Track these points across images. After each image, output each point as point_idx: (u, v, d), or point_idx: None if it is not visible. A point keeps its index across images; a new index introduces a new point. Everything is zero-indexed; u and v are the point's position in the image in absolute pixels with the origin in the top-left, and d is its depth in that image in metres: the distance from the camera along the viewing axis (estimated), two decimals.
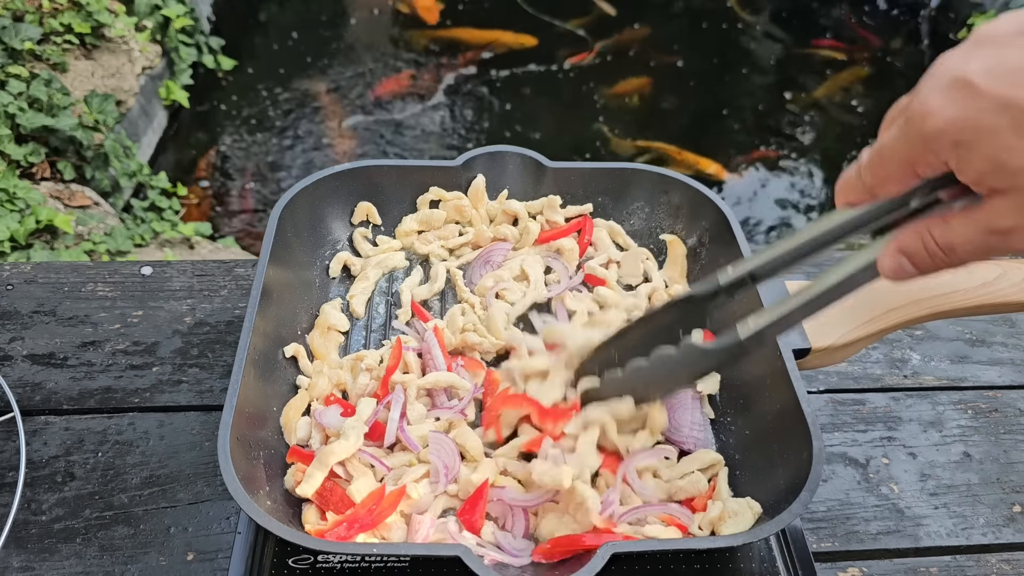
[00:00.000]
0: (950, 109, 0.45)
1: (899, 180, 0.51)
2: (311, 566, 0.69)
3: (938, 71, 0.46)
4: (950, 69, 0.46)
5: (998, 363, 1.01)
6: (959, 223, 0.49)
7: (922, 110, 0.46)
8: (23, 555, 0.75)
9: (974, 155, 0.45)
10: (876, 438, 0.92)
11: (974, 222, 0.48)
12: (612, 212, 0.99)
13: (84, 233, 2.47)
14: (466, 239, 0.96)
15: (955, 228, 0.49)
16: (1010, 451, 0.92)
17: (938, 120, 0.45)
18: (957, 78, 0.45)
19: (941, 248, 0.50)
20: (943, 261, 0.51)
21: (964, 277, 0.81)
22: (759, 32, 4.23)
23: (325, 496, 0.71)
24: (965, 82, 0.44)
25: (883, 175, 0.51)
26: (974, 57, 0.45)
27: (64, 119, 2.62)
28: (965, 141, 0.45)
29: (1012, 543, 0.83)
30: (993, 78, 0.43)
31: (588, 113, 3.65)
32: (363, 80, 3.74)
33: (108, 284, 1.01)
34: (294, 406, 0.79)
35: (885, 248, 0.53)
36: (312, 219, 0.93)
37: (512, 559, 0.69)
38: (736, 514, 0.70)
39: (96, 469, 0.82)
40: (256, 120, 3.52)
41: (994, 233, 0.47)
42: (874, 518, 0.84)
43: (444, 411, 0.79)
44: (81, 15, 3.02)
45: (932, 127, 0.46)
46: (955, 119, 0.45)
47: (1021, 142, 0.43)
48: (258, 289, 0.78)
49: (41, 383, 0.90)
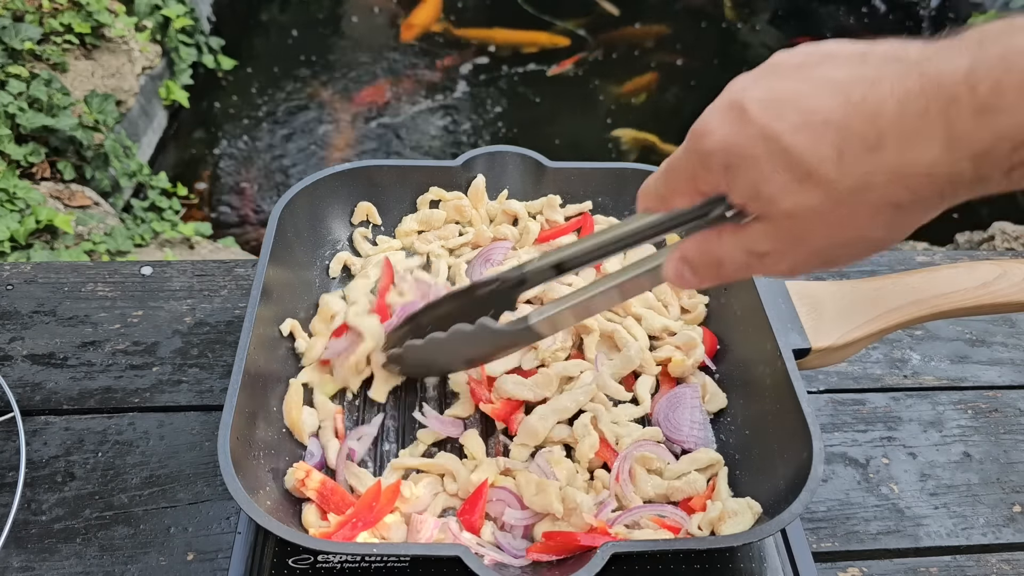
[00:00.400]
0: (722, 131, 0.46)
1: (685, 194, 0.52)
2: (311, 566, 0.69)
3: (725, 91, 0.47)
4: (733, 92, 0.46)
5: (998, 363, 1.01)
6: (728, 240, 0.50)
7: (702, 128, 0.47)
8: (23, 555, 0.75)
9: (739, 179, 0.46)
10: (876, 438, 0.92)
11: (738, 241, 0.49)
12: (612, 212, 0.99)
13: (84, 233, 2.47)
14: (466, 239, 0.96)
15: (724, 244, 0.50)
16: (1010, 451, 0.92)
17: (712, 140, 0.46)
18: (734, 102, 0.45)
19: (712, 261, 0.51)
20: (715, 273, 0.52)
21: (964, 277, 0.81)
22: (758, 32, 4.23)
23: (325, 496, 0.71)
24: (740, 107, 0.45)
25: (672, 187, 0.52)
26: (757, 84, 0.46)
27: (64, 119, 2.62)
28: (732, 165, 0.46)
29: (1012, 543, 0.83)
30: (762, 107, 0.44)
31: (592, 113, 3.65)
32: (364, 80, 3.74)
33: (108, 284, 1.01)
34: (292, 400, 0.79)
35: (670, 254, 0.54)
36: (312, 219, 0.93)
37: (512, 559, 0.69)
38: (736, 514, 0.70)
39: (96, 469, 0.82)
40: (256, 120, 3.52)
41: (753, 255, 0.49)
42: (874, 518, 0.84)
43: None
44: (81, 15, 3.02)
45: (707, 146, 0.47)
46: (725, 142, 0.46)
47: (774, 173, 0.44)
48: (258, 289, 0.78)
49: (41, 383, 0.90)
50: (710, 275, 0.53)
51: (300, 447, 0.78)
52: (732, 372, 0.85)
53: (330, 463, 0.76)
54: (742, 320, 0.84)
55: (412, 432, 0.80)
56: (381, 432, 0.80)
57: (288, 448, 0.77)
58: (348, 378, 0.82)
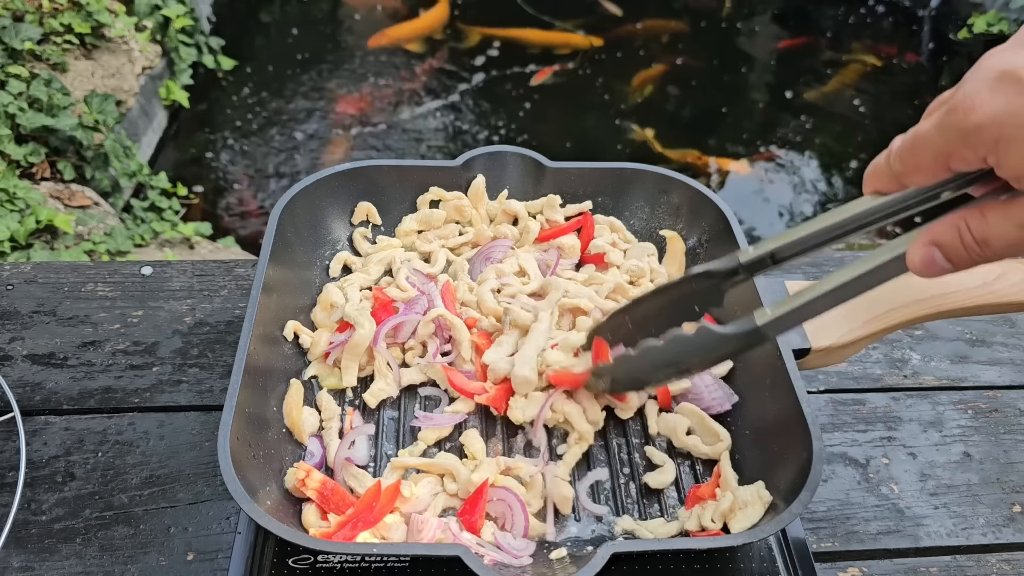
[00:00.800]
0: (996, 103, 0.44)
1: (930, 171, 0.50)
2: (311, 566, 0.69)
3: (985, 65, 0.45)
4: (999, 63, 0.44)
5: (998, 363, 1.01)
6: (995, 216, 0.47)
7: (967, 103, 0.45)
8: (23, 555, 0.75)
9: (1013, 151, 0.44)
10: (876, 438, 0.92)
11: (1010, 216, 0.47)
12: (612, 212, 0.99)
13: (84, 233, 2.47)
14: (466, 239, 0.97)
15: (991, 221, 0.48)
16: (1010, 451, 0.92)
17: (982, 114, 0.44)
18: (1006, 72, 0.44)
19: (976, 240, 0.49)
20: (976, 254, 0.49)
21: (964, 277, 0.81)
22: (757, 32, 4.23)
23: (325, 496, 0.71)
24: (1015, 77, 0.43)
25: (914, 164, 0.50)
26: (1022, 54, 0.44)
27: (64, 119, 2.62)
28: (1008, 136, 0.44)
29: (1012, 543, 0.83)
30: None
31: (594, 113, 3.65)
32: (365, 79, 3.74)
33: (108, 284, 1.01)
34: (292, 400, 0.79)
35: (916, 239, 0.51)
36: (312, 219, 0.93)
37: (512, 559, 0.69)
38: (747, 505, 0.70)
39: (96, 469, 0.82)
40: (256, 120, 3.52)
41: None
42: (874, 518, 0.84)
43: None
44: (81, 15, 3.02)
45: (975, 120, 0.45)
46: (1000, 113, 0.44)
47: None
48: (258, 289, 0.78)
49: (41, 383, 0.90)
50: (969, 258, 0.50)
51: (300, 447, 0.78)
52: (732, 372, 0.85)
53: (330, 462, 0.76)
54: None
55: (412, 432, 0.80)
56: (381, 432, 0.80)
57: (288, 448, 0.77)
58: (348, 372, 0.82)
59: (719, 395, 0.81)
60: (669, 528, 0.73)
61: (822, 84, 3.87)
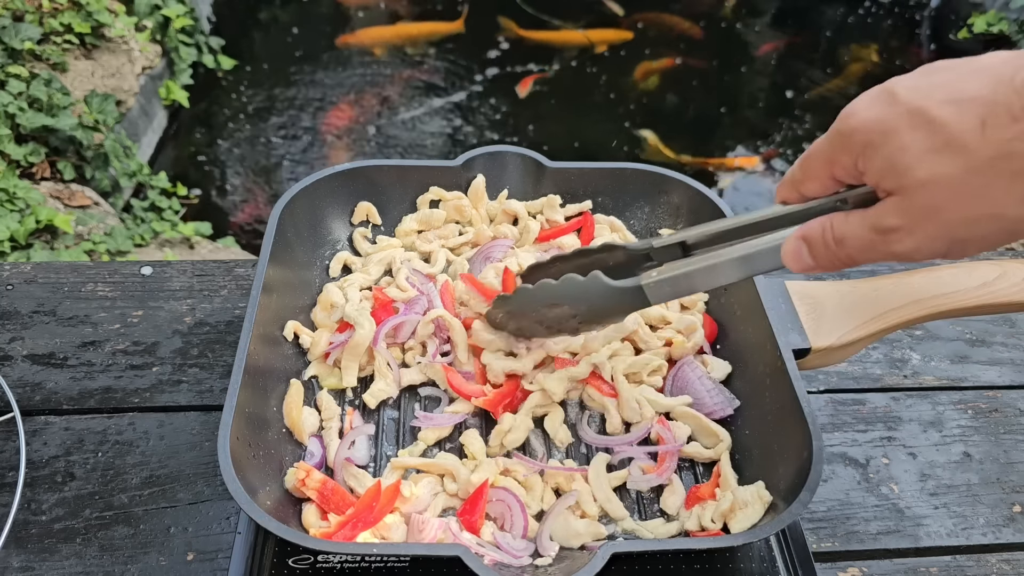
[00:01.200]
0: (870, 112, 0.48)
1: (820, 179, 0.54)
2: (311, 566, 0.69)
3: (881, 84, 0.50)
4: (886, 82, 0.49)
5: (998, 363, 1.01)
6: (855, 218, 0.51)
7: (848, 111, 0.50)
8: (23, 555, 0.75)
9: (877, 155, 0.48)
10: (876, 438, 0.92)
11: (864, 218, 0.50)
12: (612, 212, 0.99)
13: (84, 233, 2.47)
14: (466, 239, 0.97)
15: (850, 221, 0.51)
16: (1010, 451, 0.92)
17: (856, 119, 0.49)
18: (885, 88, 0.49)
19: (834, 239, 0.52)
20: (834, 253, 0.53)
21: (964, 277, 0.81)
22: (758, 32, 4.23)
23: (325, 496, 0.71)
24: (889, 91, 0.48)
25: (808, 172, 0.55)
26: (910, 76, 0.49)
27: (64, 119, 2.62)
28: (872, 142, 0.48)
29: (1012, 543, 0.83)
30: (911, 90, 0.47)
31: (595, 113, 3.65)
32: (365, 79, 3.74)
33: (108, 284, 1.01)
34: (292, 400, 0.79)
35: (791, 234, 0.56)
36: (312, 219, 0.93)
37: (512, 559, 0.69)
38: (747, 504, 0.70)
39: (96, 469, 0.82)
40: (256, 120, 3.52)
41: (879, 231, 0.50)
42: (874, 518, 0.84)
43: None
44: (81, 15, 3.02)
45: (850, 125, 0.49)
46: (871, 121, 0.48)
47: (914, 143, 0.46)
48: (258, 289, 0.78)
49: (41, 383, 0.90)
50: (828, 255, 0.53)
51: (300, 447, 0.78)
52: (732, 372, 0.85)
53: (330, 462, 0.76)
54: (742, 320, 0.85)
55: (412, 432, 0.80)
56: (381, 432, 0.80)
57: (288, 448, 0.77)
58: (348, 372, 0.82)
59: (720, 400, 0.81)
60: (669, 528, 0.73)
61: (820, 85, 3.87)
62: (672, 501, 0.75)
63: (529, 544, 0.71)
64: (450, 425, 0.80)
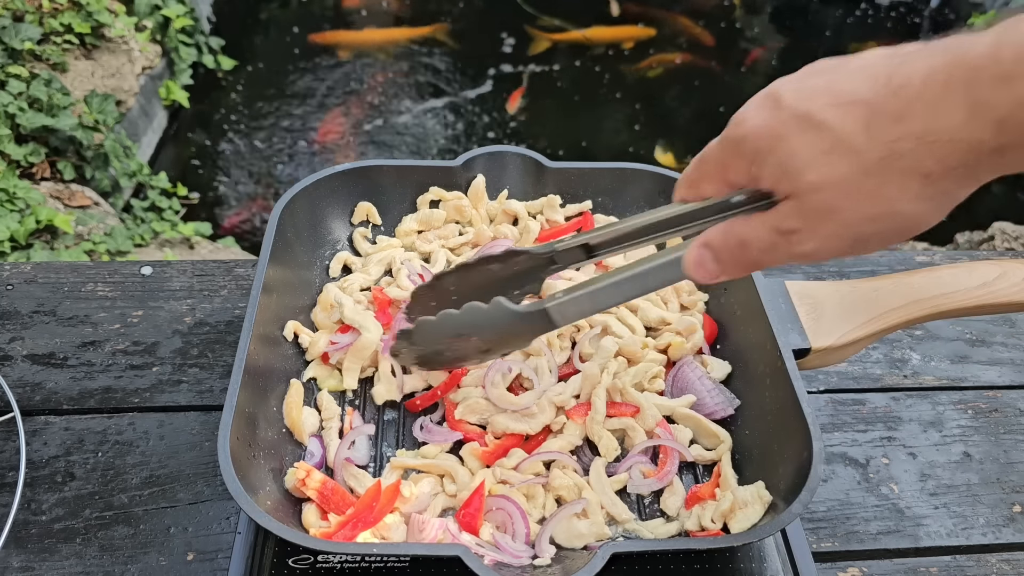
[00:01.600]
0: (758, 118, 0.49)
1: (714, 181, 0.54)
2: (311, 566, 0.69)
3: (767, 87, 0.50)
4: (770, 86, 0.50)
5: (998, 363, 1.01)
6: (756, 220, 0.51)
7: (738, 118, 0.51)
8: (23, 555, 0.75)
9: (769, 161, 0.48)
10: (876, 438, 0.92)
11: (764, 220, 0.50)
12: (612, 211, 0.99)
13: (84, 233, 2.47)
14: (466, 239, 0.97)
15: (752, 224, 0.51)
16: (1010, 451, 0.92)
17: (746, 127, 0.49)
18: (770, 92, 0.49)
19: (738, 241, 0.52)
20: (739, 256, 0.53)
21: (964, 277, 0.81)
22: (756, 32, 4.23)
23: (325, 496, 0.71)
24: (774, 96, 0.48)
25: (702, 173, 0.55)
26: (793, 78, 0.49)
27: (64, 119, 2.62)
28: (762, 148, 0.48)
29: (1012, 543, 0.83)
30: (796, 94, 0.47)
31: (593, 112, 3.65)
32: (365, 78, 3.74)
33: (108, 284, 1.01)
34: (292, 400, 0.79)
35: (692, 243, 0.55)
36: (312, 219, 0.93)
37: (512, 559, 0.69)
38: (747, 504, 0.70)
39: (96, 469, 0.82)
40: (256, 119, 3.52)
41: (781, 233, 0.50)
42: (874, 518, 0.84)
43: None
44: (81, 15, 3.02)
45: (740, 132, 0.50)
46: (760, 127, 0.48)
47: (803, 147, 0.46)
48: (258, 289, 0.78)
49: (41, 383, 0.90)
50: (733, 259, 0.53)
51: (300, 447, 0.78)
52: (732, 373, 0.85)
53: (330, 462, 0.76)
54: (742, 320, 0.85)
55: (411, 434, 0.80)
56: (381, 432, 0.80)
57: (288, 448, 0.77)
58: (350, 374, 0.82)
59: (721, 400, 0.81)
60: (669, 528, 0.73)
61: None
62: (672, 501, 0.75)
63: (529, 547, 0.71)
64: (450, 442, 0.79)
